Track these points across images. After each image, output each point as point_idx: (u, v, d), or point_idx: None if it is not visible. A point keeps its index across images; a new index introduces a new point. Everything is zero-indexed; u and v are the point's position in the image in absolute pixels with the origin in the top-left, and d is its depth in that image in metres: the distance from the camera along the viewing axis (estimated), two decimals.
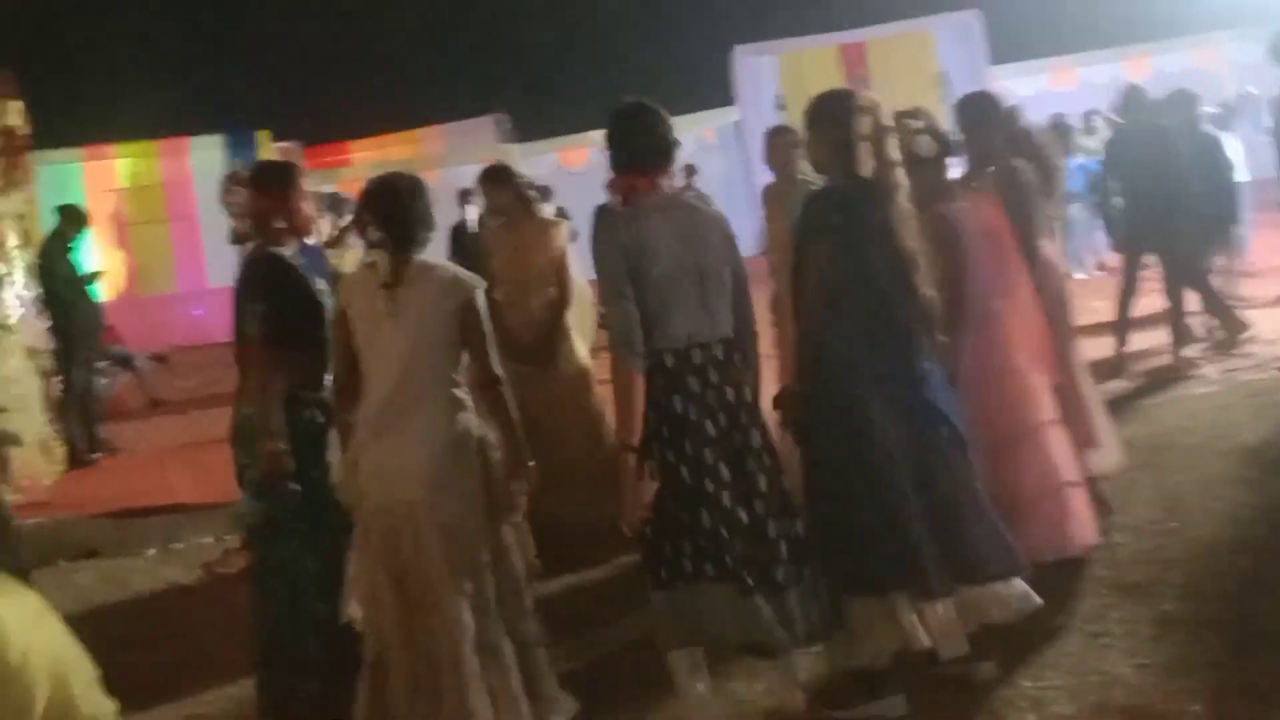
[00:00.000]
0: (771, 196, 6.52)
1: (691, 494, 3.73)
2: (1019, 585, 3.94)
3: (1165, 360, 8.45)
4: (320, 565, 4.34)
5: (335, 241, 8.43)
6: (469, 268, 4.16)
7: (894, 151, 3.90)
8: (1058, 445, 4.75)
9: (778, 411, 3.96)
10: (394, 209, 3.99)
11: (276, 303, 4.26)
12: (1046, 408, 4.77)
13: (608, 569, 5.65)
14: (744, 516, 3.74)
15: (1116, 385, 7.92)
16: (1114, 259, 10.72)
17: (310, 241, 5.20)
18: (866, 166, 3.83)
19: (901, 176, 3.89)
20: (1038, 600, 3.96)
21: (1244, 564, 4.81)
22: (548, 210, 12.75)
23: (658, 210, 3.84)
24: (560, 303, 5.97)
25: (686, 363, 3.75)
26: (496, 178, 6.38)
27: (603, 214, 4.20)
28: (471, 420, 3.93)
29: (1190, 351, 8.51)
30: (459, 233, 14.01)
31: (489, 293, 4.03)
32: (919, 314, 3.87)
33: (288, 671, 4.34)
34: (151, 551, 7.19)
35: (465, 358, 3.98)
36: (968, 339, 4.65)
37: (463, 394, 3.94)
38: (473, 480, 3.88)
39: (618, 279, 3.76)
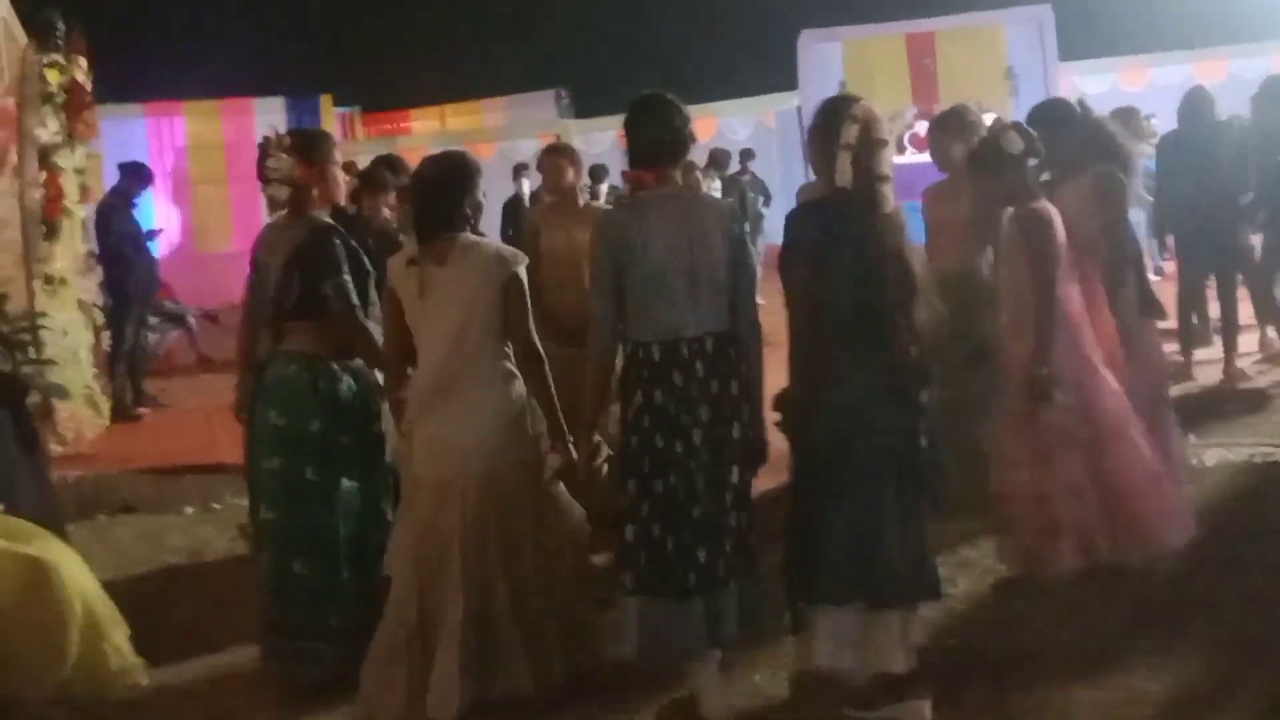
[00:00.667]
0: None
1: (651, 488, 3.76)
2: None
3: (1216, 371, 8.30)
4: (351, 531, 4.43)
5: None
6: (518, 242, 4.24)
7: (884, 165, 3.82)
8: (1145, 442, 4.78)
9: (775, 411, 3.93)
10: (418, 194, 4.16)
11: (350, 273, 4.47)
12: (1115, 412, 4.77)
13: None
14: (698, 511, 3.74)
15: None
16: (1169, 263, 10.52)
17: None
18: (844, 178, 3.77)
19: (888, 192, 3.81)
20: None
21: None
22: (601, 190, 12.84)
23: (657, 204, 3.85)
24: None
25: (673, 355, 3.76)
26: (561, 154, 6.36)
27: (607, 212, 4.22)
28: (521, 391, 4.04)
29: (1242, 363, 8.34)
30: (513, 206, 14.06)
31: (531, 272, 4.08)
32: (898, 332, 3.79)
33: (310, 635, 4.41)
34: (190, 510, 7.24)
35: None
36: (1060, 339, 4.63)
37: (511, 366, 4.05)
38: (526, 450, 3.99)
39: (600, 277, 3.81)
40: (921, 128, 18.59)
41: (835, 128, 3.80)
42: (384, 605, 4.09)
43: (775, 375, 3.92)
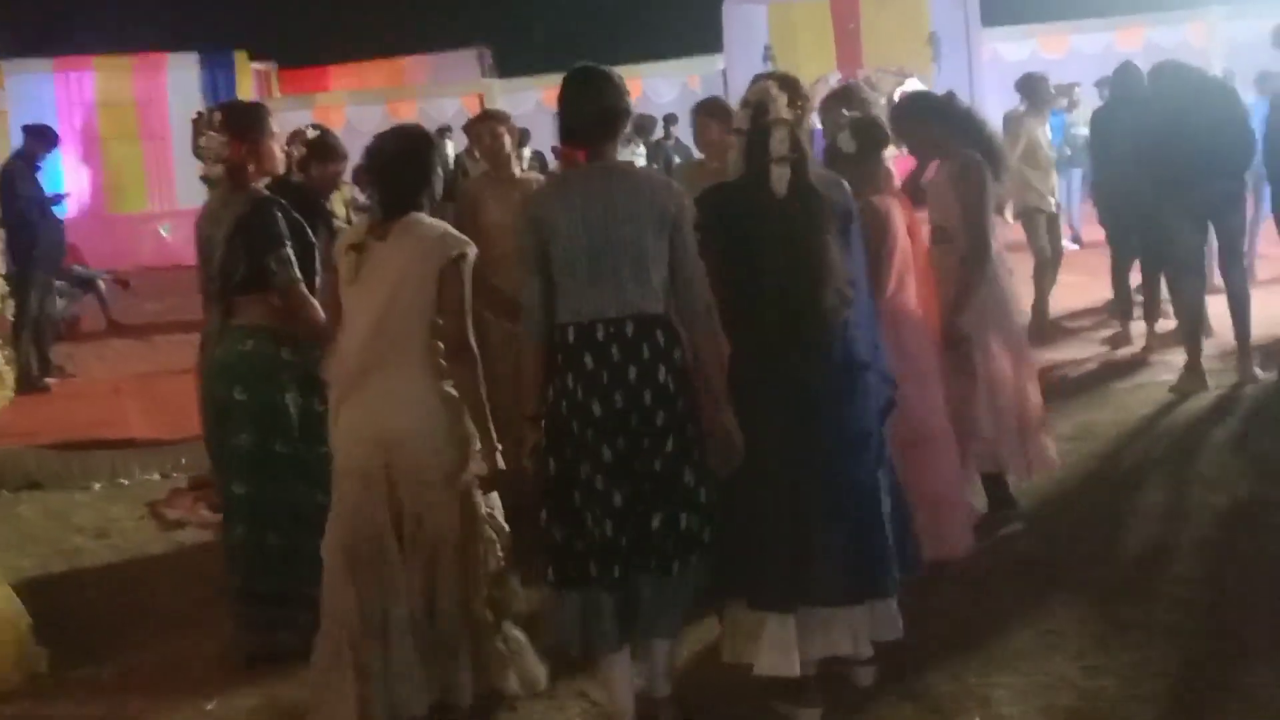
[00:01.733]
0: None
1: (568, 476, 3.62)
2: (893, 606, 3.88)
3: (1138, 346, 8.38)
4: (324, 498, 4.28)
5: None
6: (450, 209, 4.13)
7: (777, 147, 3.68)
8: (947, 454, 4.74)
9: None
10: (379, 172, 3.94)
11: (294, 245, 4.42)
12: (941, 415, 4.75)
13: None
14: (618, 500, 3.59)
15: (1087, 368, 7.90)
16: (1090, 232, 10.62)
17: None
18: (734, 164, 3.76)
19: (782, 173, 3.68)
20: (900, 630, 3.89)
21: (1201, 568, 4.75)
22: (524, 154, 12.65)
23: (583, 179, 3.69)
24: None
25: (588, 338, 3.60)
26: (499, 120, 6.19)
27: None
28: (444, 386, 3.82)
29: (1164, 339, 8.40)
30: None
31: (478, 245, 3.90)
32: (807, 316, 3.69)
33: (287, 604, 4.40)
34: (97, 486, 7.07)
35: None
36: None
37: (439, 358, 3.83)
38: (454, 450, 3.79)
39: (525, 252, 3.65)
40: None
41: (728, 115, 3.78)
42: None
43: None
